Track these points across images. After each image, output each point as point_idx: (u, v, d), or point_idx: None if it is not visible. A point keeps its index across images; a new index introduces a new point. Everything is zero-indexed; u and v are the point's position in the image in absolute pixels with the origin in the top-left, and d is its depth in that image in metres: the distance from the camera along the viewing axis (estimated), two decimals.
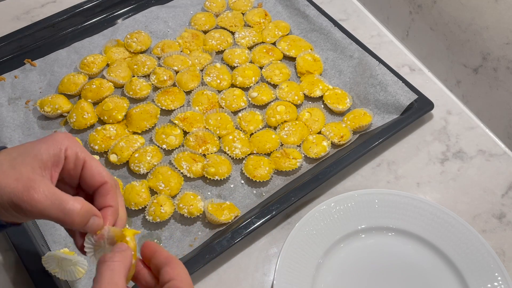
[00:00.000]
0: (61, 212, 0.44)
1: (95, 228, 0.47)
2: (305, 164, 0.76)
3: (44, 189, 0.44)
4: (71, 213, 0.45)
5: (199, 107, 0.81)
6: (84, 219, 0.46)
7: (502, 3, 0.71)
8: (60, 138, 0.48)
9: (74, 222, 0.45)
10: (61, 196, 0.45)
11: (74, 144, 0.49)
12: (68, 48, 0.88)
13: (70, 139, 0.49)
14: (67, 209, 0.44)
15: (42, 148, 0.46)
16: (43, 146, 0.47)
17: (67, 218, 0.45)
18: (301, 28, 0.92)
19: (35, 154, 0.46)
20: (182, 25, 0.92)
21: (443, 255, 0.67)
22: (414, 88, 0.81)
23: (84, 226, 0.46)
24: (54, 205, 0.44)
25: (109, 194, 0.49)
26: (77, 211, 0.45)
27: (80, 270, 0.64)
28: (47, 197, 0.44)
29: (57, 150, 0.47)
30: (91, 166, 0.49)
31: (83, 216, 0.46)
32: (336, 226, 0.68)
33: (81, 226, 0.46)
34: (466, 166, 0.78)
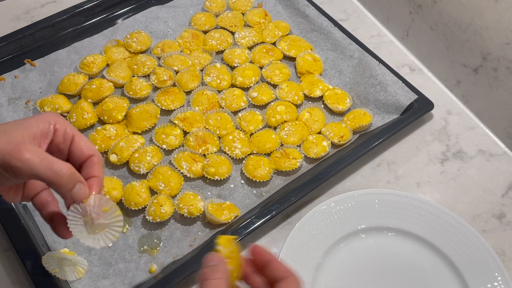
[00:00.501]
0: (49, 171, 0.47)
1: (81, 194, 0.50)
2: (305, 164, 0.76)
3: (34, 149, 0.47)
4: (59, 173, 0.47)
5: (199, 107, 0.81)
6: (71, 181, 0.48)
7: (502, 3, 0.71)
8: (50, 114, 0.51)
9: (61, 182, 0.48)
10: (50, 157, 0.47)
11: (63, 121, 0.52)
12: (68, 48, 0.88)
13: (59, 117, 0.52)
14: (55, 168, 0.47)
15: (32, 121, 0.50)
16: (33, 119, 0.50)
17: (55, 177, 0.47)
18: (301, 28, 0.92)
19: (25, 126, 0.49)
20: (182, 25, 0.92)
21: (443, 255, 0.67)
22: (414, 88, 0.81)
23: (71, 190, 0.49)
24: (43, 164, 0.46)
25: (95, 165, 0.52)
26: (65, 171, 0.48)
27: (80, 270, 0.64)
28: (37, 156, 0.46)
29: (47, 123, 0.50)
30: (79, 140, 0.52)
31: (70, 177, 0.48)
32: (336, 226, 0.68)
33: (68, 189, 0.49)
34: (466, 166, 0.78)
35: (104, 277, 0.65)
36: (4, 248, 0.68)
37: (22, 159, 0.46)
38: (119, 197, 0.71)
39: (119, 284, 0.64)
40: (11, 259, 0.67)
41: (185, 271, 0.63)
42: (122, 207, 0.71)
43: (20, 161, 0.46)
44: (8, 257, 0.68)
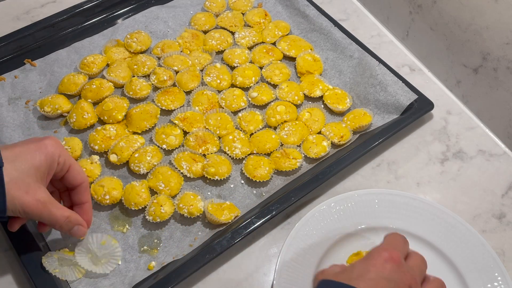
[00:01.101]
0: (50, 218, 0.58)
1: (79, 234, 0.62)
2: (305, 164, 0.76)
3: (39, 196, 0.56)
4: (58, 221, 0.59)
5: (199, 107, 0.81)
6: (67, 225, 0.60)
7: (502, 3, 0.71)
8: (53, 147, 0.58)
9: (60, 227, 0.59)
10: (50, 204, 0.57)
11: (63, 152, 0.60)
12: (68, 48, 0.88)
13: (60, 147, 0.60)
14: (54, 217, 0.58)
15: (41, 160, 0.57)
16: (42, 157, 0.57)
17: (55, 224, 0.59)
18: (301, 28, 0.92)
19: (37, 166, 0.57)
20: (182, 25, 0.92)
21: (443, 255, 0.67)
22: (414, 88, 0.81)
23: (70, 231, 0.61)
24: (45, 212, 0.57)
25: (86, 192, 0.63)
26: (62, 220, 0.59)
27: (80, 270, 0.64)
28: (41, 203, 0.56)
29: (52, 160, 0.58)
30: (74, 169, 0.62)
31: (66, 223, 0.59)
32: (336, 226, 0.68)
33: (67, 231, 0.60)
34: (466, 166, 0.78)
35: (104, 277, 0.65)
36: (4, 248, 0.68)
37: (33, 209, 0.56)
38: (119, 197, 0.71)
39: (119, 284, 0.64)
40: (11, 259, 0.67)
41: (185, 271, 0.63)
42: (122, 207, 0.71)
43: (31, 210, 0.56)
44: (8, 257, 0.68)
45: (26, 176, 0.55)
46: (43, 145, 0.58)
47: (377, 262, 0.49)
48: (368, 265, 0.49)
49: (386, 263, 0.48)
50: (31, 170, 0.56)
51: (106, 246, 0.65)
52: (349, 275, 0.48)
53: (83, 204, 0.64)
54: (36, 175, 0.56)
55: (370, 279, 0.47)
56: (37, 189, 0.56)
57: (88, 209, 0.64)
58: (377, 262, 0.49)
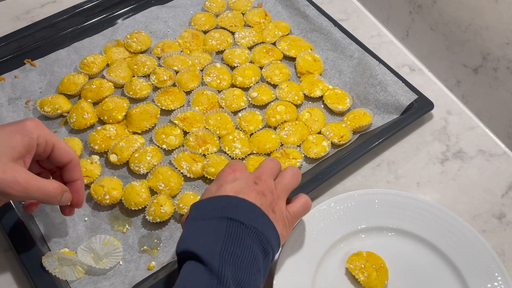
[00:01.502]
0: (39, 192, 0.56)
1: (67, 200, 0.60)
2: (305, 164, 0.76)
3: (22, 174, 0.54)
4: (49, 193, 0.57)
5: (199, 107, 0.81)
6: (59, 195, 0.58)
7: (502, 3, 0.71)
8: (31, 127, 0.57)
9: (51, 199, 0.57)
10: (36, 179, 0.55)
11: (44, 131, 0.58)
12: (68, 48, 0.88)
13: (40, 128, 0.58)
14: (44, 189, 0.56)
15: (17, 139, 0.56)
16: (17, 137, 0.56)
17: (45, 197, 0.57)
18: (301, 28, 0.92)
19: (12, 145, 0.55)
20: (182, 25, 0.92)
21: (443, 255, 0.67)
22: (414, 88, 0.81)
23: (59, 201, 0.59)
24: (33, 187, 0.55)
25: (75, 169, 0.62)
26: (52, 189, 0.57)
27: (80, 270, 0.64)
28: (26, 180, 0.54)
29: (30, 140, 0.56)
30: (59, 148, 0.60)
31: (56, 193, 0.58)
32: (336, 226, 0.68)
33: (57, 202, 0.59)
34: (466, 166, 0.78)
35: (104, 277, 0.65)
36: (4, 248, 0.68)
37: (19, 189, 0.54)
38: (119, 197, 0.71)
39: (119, 284, 0.64)
40: (11, 259, 0.67)
41: None
42: (122, 207, 0.71)
43: (17, 191, 0.54)
44: (8, 257, 0.68)
45: (1, 156, 0.54)
46: (21, 126, 0.57)
47: (225, 175, 0.59)
48: (219, 180, 0.59)
49: (231, 174, 0.59)
50: (6, 150, 0.54)
51: (108, 246, 0.66)
52: (209, 194, 0.58)
53: (74, 182, 0.62)
54: (13, 155, 0.55)
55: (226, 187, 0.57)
56: (14, 167, 0.54)
57: (80, 187, 0.63)
58: (225, 174, 0.59)
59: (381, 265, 0.65)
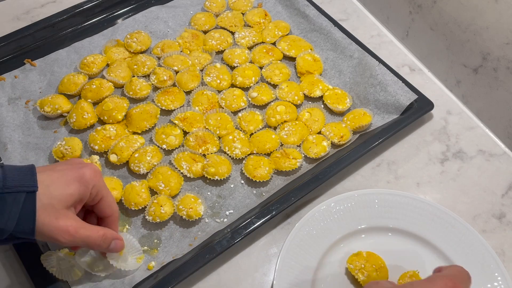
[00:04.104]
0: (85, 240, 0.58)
1: (118, 248, 0.62)
2: (305, 164, 0.76)
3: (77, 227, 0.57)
4: (94, 241, 0.58)
5: (199, 107, 0.81)
6: (104, 242, 0.59)
7: (502, 3, 0.71)
8: (90, 178, 0.58)
9: (97, 246, 0.59)
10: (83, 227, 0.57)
11: (99, 182, 0.60)
12: (68, 48, 0.88)
13: (97, 177, 0.59)
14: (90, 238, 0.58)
15: (75, 188, 0.57)
16: (76, 186, 0.57)
17: (92, 244, 0.59)
18: (301, 28, 0.92)
19: (70, 193, 0.56)
20: (182, 25, 0.92)
21: (443, 255, 0.67)
22: (414, 88, 0.81)
23: (107, 248, 0.60)
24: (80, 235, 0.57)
25: (113, 224, 0.63)
26: (97, 238, 0.58)
27: (76, 272, 0.64)
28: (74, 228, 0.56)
29: (86, 190, 0.58)
30: (106, 201, 0.61)
31: (103, 241, 0.59)
32: (336, 226, 0.68)
33: (104, 248, 0.60)
34: (466, 166, 0.78)
35: (104, 277, 0.65)
36: (4, 248, 0.68)
37: (63, 235, 0.55)
38: (119, 197, 0.71)
39: (119, 284, 0.64)
40: (11, 259, 0.67)
41: (185, 271, 0.63)
42: (122, 207, 0.71)
43: (62, 236, 0.55)
44: (8, 257, 0.68)
45: (57, 202, 0.56)
46: (81, 174, 0.58)
47: (437, 286, 0.49)
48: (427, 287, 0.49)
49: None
50: (63, 197, 0.56)
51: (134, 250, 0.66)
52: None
53: None
54: (67, 203, 0.56)
55: None
56: (67, 215, 0.56)
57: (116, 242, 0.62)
58: (437, 286, 0.49)
59: (381, 265, 0.65)
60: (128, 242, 0.66)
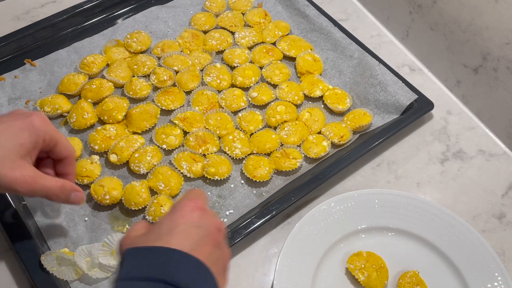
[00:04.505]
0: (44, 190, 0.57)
1: (78, 200, 0.61)
2: (305, 164, 0.76)
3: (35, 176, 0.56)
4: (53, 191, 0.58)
5: (199, 107, 0.81)
6: (63, 193, 0.59)
7: (502, 3, 0.71)
8: (39, 125, 0.58)
9: (55, 197, 0.59)
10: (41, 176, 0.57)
11: (49, 128, 0.59)
12: (68, 48, 0.88)
13: (47, 125, 0.59)
14: (48, 187, 0.58)
15: (26, 137, 0.56)
16: (26, 134, 0.57)
17: (50, 194, 0.58)
18: (301, 28, 0.92)
19: (21, 143, 0.56)
20: (182, 25, 0.92)
21: (443, 255, 0.67)
22: (414, 88, 0.81)
23: (67, 200, 0.60)
24: (38, 184, 0.57)
25: (71, 165, 0.63)
26: (55, 188, 0.58)
27: (77, 271, 0.64)
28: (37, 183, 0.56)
29: (38, 137, 0.58)
30: (61, 143, 0.61)
31: (61, 191, 0.59)
32: (336, 226, 0.68)
33: (63, 200, 0.60)
34: (466, 166, 0.78)
35: (104, 277, 0.65)
36: (4, 248, 0.68)
37: (21, 185, 0.55)
38: (119, 197, 0.71)
39: None
40: (11, 259, 0.67)
41: None
42: (122, 207, 0.71)
43: (20, 186, 0.55)
44: (8, 257, 0.68)
45: (10, 153, 0.55)
46: (29, 122, 0.57)
47: (184, 212, 0.49)
48: (175, 217, 0.48)
49: (193, 212, 0.49)
50: (15, 147, 0.56)
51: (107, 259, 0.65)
52: (158, 234, 0.47)
53: (66, 175, 0.63)
54: (21, 152, 0.56)
55: (180, 231, 0.47)
56: (23, 165, 0.56)
57: (72, 181, 0.64)
58: (184, 212, 0.49)
59: (381, 265, 0.65)
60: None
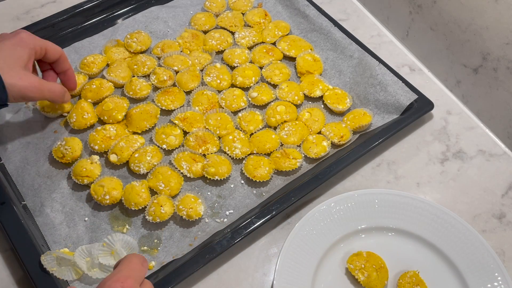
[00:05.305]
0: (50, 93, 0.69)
1: (67, 99, 0.74)
2: (305, 164, 0.76)
3: (40, 82, 0.67)
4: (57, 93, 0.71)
5: (199, 107, 0.81)
6: (63, 95, 0.72)
7: (502, 3, 0.71)
8: (28, 39, 0.68)
9: (58, 98, 0.71)
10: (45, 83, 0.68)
11: (37, 40, 0.69)
12: (68, 48, 0.88)
13: (33, 37, 0.69)
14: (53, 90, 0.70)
15: (20, 51, 0.66)
16: (19, 49, 0.66)
17: (54, 97, 0.70)
18: (301, 28, 0.92)
19: (18, 56, 0.66)
20: (182, 25, 0.92)
21: (443, 255, 0.67)
22: (414, 88, 0.81)
23: (63, 99, 0.73)
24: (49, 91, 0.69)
25: (65, 61, 0.74)
26: (59, 90, 0.71)
27: (77, 271, 0.64)
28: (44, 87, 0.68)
29: (30, 49, 0.68)
30: (50, 49, 0.71)
31: (62, 93, 0.72)
32: (336, 226, 0.68)
33: (61, 100, 0.72)
34: (466, 166, 0.78)
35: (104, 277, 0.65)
36: (4, 248, 0.68)
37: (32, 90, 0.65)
38: (119, 197, 0.71)
39: None
40: (11, 259, 0.67)
41: (185, 271, 0.63)
42: (122, 207, 0.71)
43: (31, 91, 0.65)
44: (8, 257, 0.68)
45: (14, 66, 0.64)
46: (18, 39, 0.67)
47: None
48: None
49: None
50: (15, 60, 0.65)
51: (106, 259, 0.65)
52: None
53: (66, 71, 0.75)
54: (21, 65, 0.65)
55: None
56: (28, 74, 0.65)
57: (72, 74, 0.76)
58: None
59: (381, 265, 0.65)
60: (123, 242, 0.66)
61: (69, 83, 0.76)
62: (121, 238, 0.66)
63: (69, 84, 0.76)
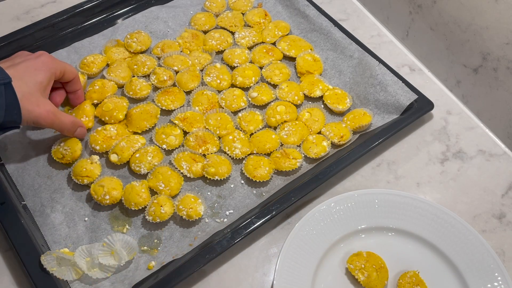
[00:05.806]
0: (59, 124, 0.69)
1: (81, 135, 0.75)
2: (305, 164, 0.76)
3: (55, 112, 0.68)
4: (66, 125, 0.71)
5: (199, 107, 0.81)
6: (73, 128, 0.72)
7: (502, 3, 0.71)
8: (50, 64, 0.69)
9: (67, 130, 0.72)
10: (57, 112, 0.69)
11: (57, 63, 0.71)
12: (68, 48, 0.88)
13: (55, 62, 0.70)
14: (63, 121, 0.70)
15: (41, 75, 0.67)
16: (41, 73, 0.67)
17: (63, 128, 0.71)
18: (301, 28, 0.92)
19: (39, 81, 0.67)
20: (182, 25, 0.92)
21: (443, 255, 0.67)
22: (414, 88, 0.81)
23: (73, 133, 0.73)
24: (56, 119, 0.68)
25: (78, 82, 0.77)
26: (69, 123, 0.71)
27: (77, 271, 0.64)
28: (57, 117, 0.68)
29: (50, 74, 0.69)
30: (68, 71, 0.73)
31: (72, 126, 0.72)
32: (336, 226, 0.68)
33: (71, 133, 0.73)
34: (466, 166, 0.78)
35: (104, 277, 0.65)
36: (4, 248, 0.68)
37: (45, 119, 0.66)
38: (119, 197, 0.71)
39: (119, 284, 0.64)
40: (11, 259, 0.67)
41: (185, 271, 0.63)
42: (122, 207, 0.71)
43: (44, 120, 0.66)
44: (8, 257, 0.68)
45: (34, 91, 0.65)
46: (41, 63, 0.68)
47: None
48: None
49: None
50: (36, 85, 0.66)
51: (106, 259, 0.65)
52: None
53: (76, 91, 0.77)
54: (41, 90, 0.66)
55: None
56: (45, 102, 0.67)
57: (81, 94, 0.78)
58: None
59: (381, 265, 0.65)
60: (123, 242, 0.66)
61: (76, 102, 0.78)
62: (121, 238, 0.66)
63: (75, 103, 0.79)
